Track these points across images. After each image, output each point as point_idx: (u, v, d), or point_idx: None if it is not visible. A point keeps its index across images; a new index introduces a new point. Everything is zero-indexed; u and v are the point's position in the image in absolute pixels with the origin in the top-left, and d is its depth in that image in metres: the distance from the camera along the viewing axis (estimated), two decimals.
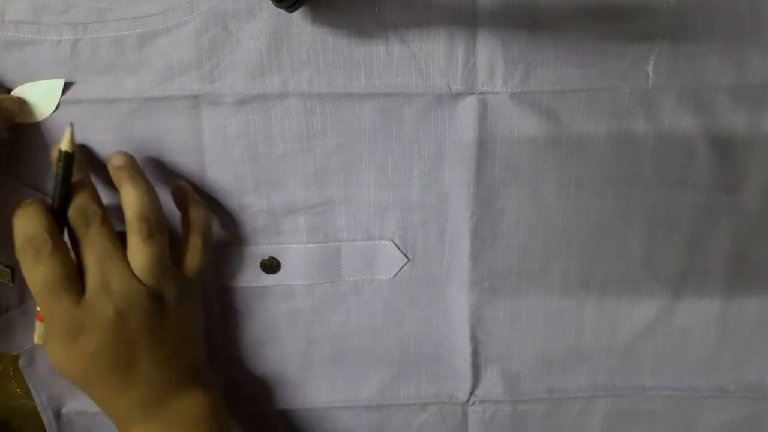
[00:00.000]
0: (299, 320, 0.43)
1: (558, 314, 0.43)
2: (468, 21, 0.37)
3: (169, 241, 0.37)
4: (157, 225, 0.36)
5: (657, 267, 0.42)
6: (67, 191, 0.35)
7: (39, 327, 0.38)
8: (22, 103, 0.37)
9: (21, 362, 0.43)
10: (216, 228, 0.41)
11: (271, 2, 0.33)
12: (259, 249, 0.41)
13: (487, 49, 0.37)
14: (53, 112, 0.38)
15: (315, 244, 0.41)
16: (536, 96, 0.38)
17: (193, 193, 0.39)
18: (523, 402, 0.45)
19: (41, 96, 0.38)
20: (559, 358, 0.44)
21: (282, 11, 0.36)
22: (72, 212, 0.35)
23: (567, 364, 0.44)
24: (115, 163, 0.37)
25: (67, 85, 0.37)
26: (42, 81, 0.37)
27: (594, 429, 0.46)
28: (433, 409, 0.45)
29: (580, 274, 0.42)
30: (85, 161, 0.39)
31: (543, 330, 0.43)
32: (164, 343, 0.37)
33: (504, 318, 0.43)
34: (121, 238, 0.36)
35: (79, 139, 0.38)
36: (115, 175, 0.37)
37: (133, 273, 0.36)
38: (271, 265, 0.42)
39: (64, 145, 0.35)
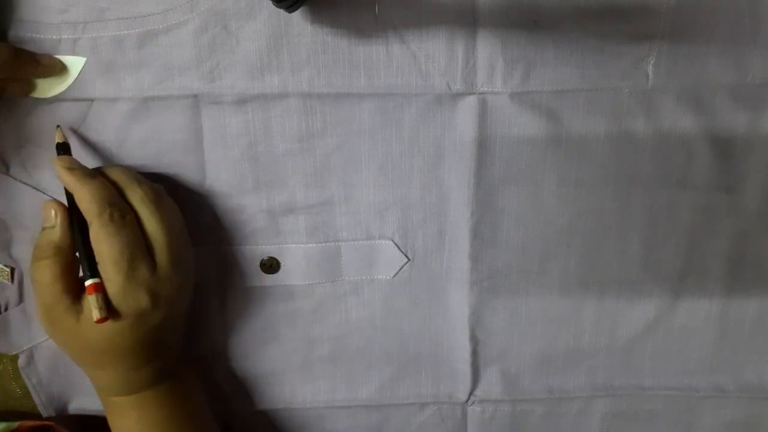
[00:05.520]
0: (299, 320, 0.43)
1: (557, 314, 0.43)
2: (468, 21, 0.36)
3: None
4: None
5: (656, 267, 0.42)
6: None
7: (96, 299, 0.34)
8: (51, 70, 0.36)
9: (20, 362, 0.43)
10: (215, 228, 0.41)
11: (270, 2, 0.32)
12: (259, 249, 0.41)
13: (487, 49, 0.37)
14: (65, 90, 0.37)
15: (315, 244, 0.41)
16: (536, 96, 0.38)
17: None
18: (522, 402, 0.45)
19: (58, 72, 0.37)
20: (559, 357, 0.44)
21: (282, 11, 0.36)
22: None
23: (566, 364, 0.44)
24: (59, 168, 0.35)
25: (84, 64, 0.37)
26: (63, 56, 0.37)
27: (593, 429, 0.46)
28: (433, 409, 0.45)
29: (580, 274, 0.42)
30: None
31: (542, 330, 0.43)
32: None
33: (503, 318, 0.43)
34: None
35: (80, 138, 0.38)
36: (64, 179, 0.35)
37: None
38: (270, 265, 0.42)
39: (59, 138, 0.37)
